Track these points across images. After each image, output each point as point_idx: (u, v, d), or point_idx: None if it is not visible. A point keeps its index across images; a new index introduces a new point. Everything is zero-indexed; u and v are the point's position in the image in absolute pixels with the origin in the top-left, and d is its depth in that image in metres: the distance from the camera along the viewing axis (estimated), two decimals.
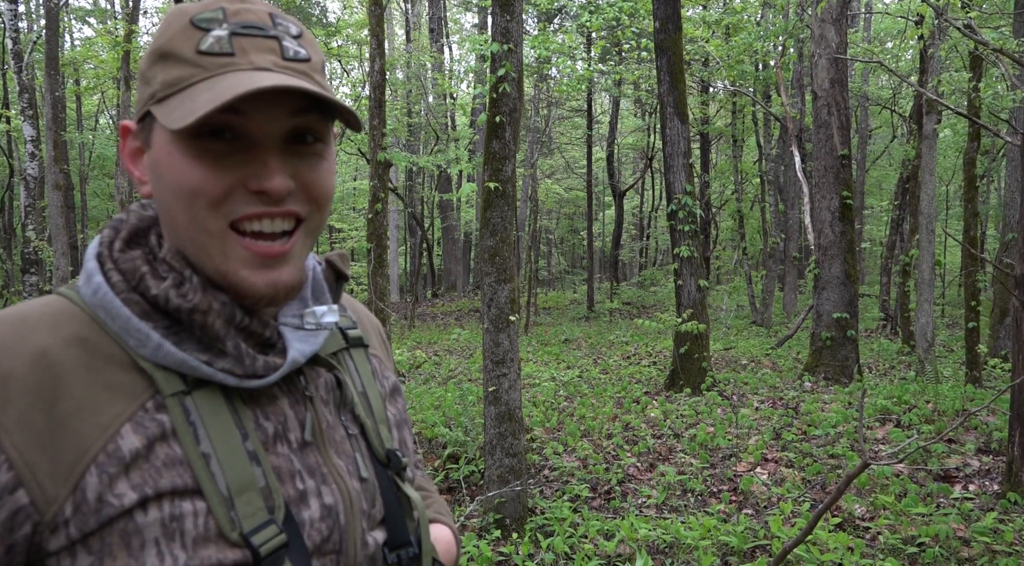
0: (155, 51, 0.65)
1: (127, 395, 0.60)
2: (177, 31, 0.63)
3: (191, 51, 0.62)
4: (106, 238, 0.67)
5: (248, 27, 0.63)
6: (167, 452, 0.60)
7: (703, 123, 16.55)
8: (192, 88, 0.61)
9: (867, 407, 5.95)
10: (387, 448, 0.76)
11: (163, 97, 0.63)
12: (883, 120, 18.75)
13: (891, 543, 3.45)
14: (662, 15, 7.47)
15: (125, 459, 0.58)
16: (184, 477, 0.59)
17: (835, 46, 7.72)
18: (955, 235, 13.99)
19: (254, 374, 0.64)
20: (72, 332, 0.61)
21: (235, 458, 0.61)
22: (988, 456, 4.74)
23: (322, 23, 17.22)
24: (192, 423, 0.61)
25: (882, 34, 16.68)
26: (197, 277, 0.64)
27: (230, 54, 0.62)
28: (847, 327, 7.67)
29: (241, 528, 0.60)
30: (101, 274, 0.64)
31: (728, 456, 5.02)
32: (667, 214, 7.59)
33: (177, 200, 0.63)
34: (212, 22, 0.63)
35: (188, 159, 0.62)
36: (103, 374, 0.60)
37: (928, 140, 7.92)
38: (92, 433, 0.57)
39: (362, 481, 0.72)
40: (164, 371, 0.62)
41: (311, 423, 0.69)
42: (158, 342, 0.61)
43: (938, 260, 10.04)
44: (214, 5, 0.64)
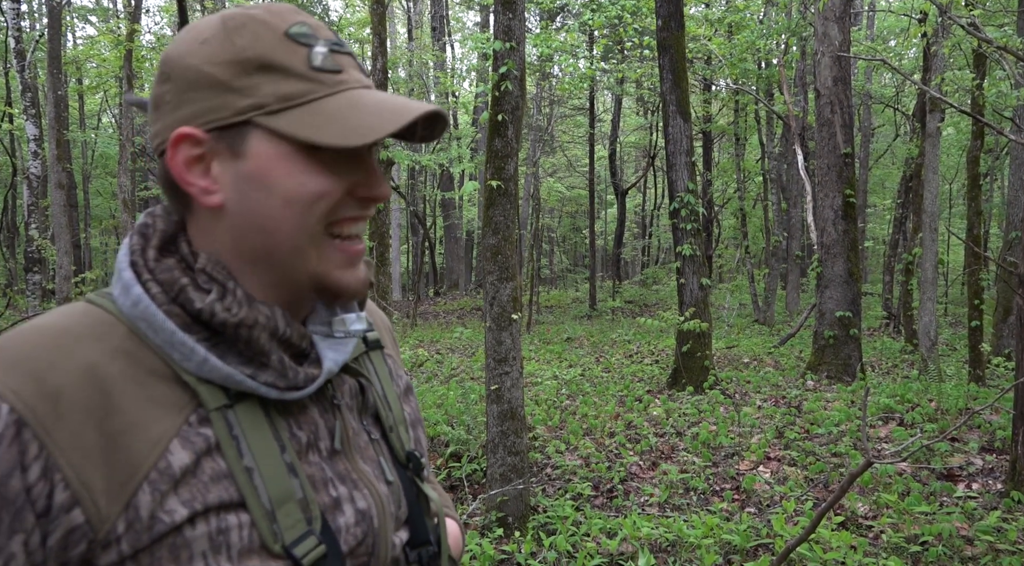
0: (249, 61, 0.62)
1: (172, 409, 0.60)
2: (275, 43, 0.63)
3: (304, 66, 0.63)
4: (137, 246, 0.65)
5: (335, 43, 0.66)
6: (213, 467, 0.60)
7: (706, 121, 16.52)
8: (319, 102, 0.63)
9: (870, 406, 5.94)
10: (407, 450, 0.78)
11: (277, 109, 0.62)
12: (886, 118, 18.71)
13: (894, 542, 3.44)
14: (664, 13, 7.45)
15: (176, 475, 0.58)
16: (230, 491, 0.60)
17: (838, 44, 7.70)
18: (958, 233, 13.96)
19: (295, 386, 0.65)
20: (116, 345, 0.60)
21: (275, 471, 0.63)
22: (991, 455, 4.73)
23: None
24: (235, 437, 0.62)
25: (885, 32, 16.64)
26: (240, 289, 0.64)
27: (339, 71, 0.64)
28: (850, 325, 7.66)
29: (283, 540, 0.61)
30: (140, 285, 0.62)
31: (731, 455, 5.02)
32: (669, 212, 7.58)
33: (290, 207, 0.63)
34: (308, 37, 0.64)
35: (311, 168, 0.63)
36: (148, 388, 0.60)
37: (932, 138, 7.90)
38: (143, 449, 0.58)
39: (388, 484, 0.73)
40: (207, 385, 0.62)
41: (340, 431, 0.70)
42: (204, 356, 0.61)
43: (941, 258, 10.02)
44: (292, 18, 0.65)
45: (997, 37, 6.83)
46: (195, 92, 0.63)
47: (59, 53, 10.31)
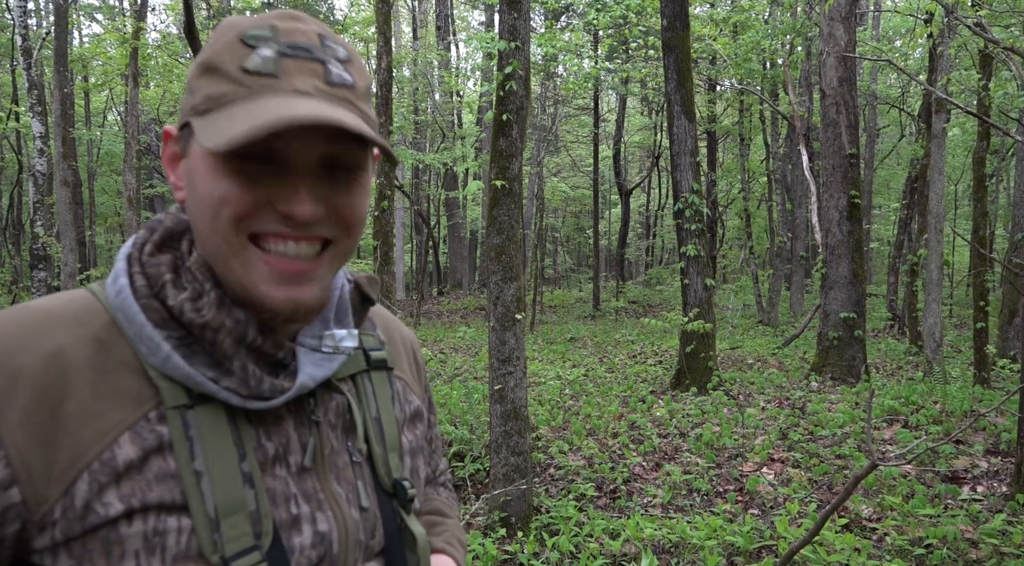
0: (202, 63, 0.64)
1: (132, 402, 0.60)
2: (225, 45, 0.63)
3: (236, 68, 0.62)
4: (140, 239, 0.67)
5: (296, 48, 0.63)
6: (160, 465, 0.59)
7: (710, 121, 16.49)
8: (231, 106, 0.61)
9: (874, 407, 5.92)
10: (394, 478, 0.74)
11: (203, 110, 0.63)
12: (891, 119, 18.65)
13: (898, 544, 3.43)
14: (670, 13, 7.44)
15: (119, 469, 0.58)
16: (173, 492, 0.59)
17: (844, 44, 7.68)
18: (964, 235, 13.90)
19: (259, 396, 0.63)
20: (91, 332, 0.61)
21: (228, 478, 0.61)
22: (997, 457, 4.71)
23: (329, 20, 17.23)
24: (190, 438, 0.60)
25: (891, 32, 16.58)
26: (216, 291, 0.64)
27: (273, 75, 0.61)
28: (854, 327, 7.64)
29: (223, 552, 0.59)
30: (127, 276, 0.64)
31: (734, 456, 5.01)
32: (674, 213, 7.57)
33: (204, 210, 0.63)
34: (260, 40, 0.62)
35: (220, 174, 0.62)
36: (112, 378, 0.60)
37: (937, 139, 7.87)
38: (90, 438, 0.57)
39: (362, 511, 0.70)
40: (170, 382, 0.61)
41: (312, 448, 0.68)
42: (167, 353, 0.61)
43: (946, 260, 9.98)
44: (266, 22, 0.64)
45: (1004, 38, 6.80)
46: (185, 94, 0.67)
47: (65, 51, 10.34)
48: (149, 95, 14.74)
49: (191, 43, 5.53)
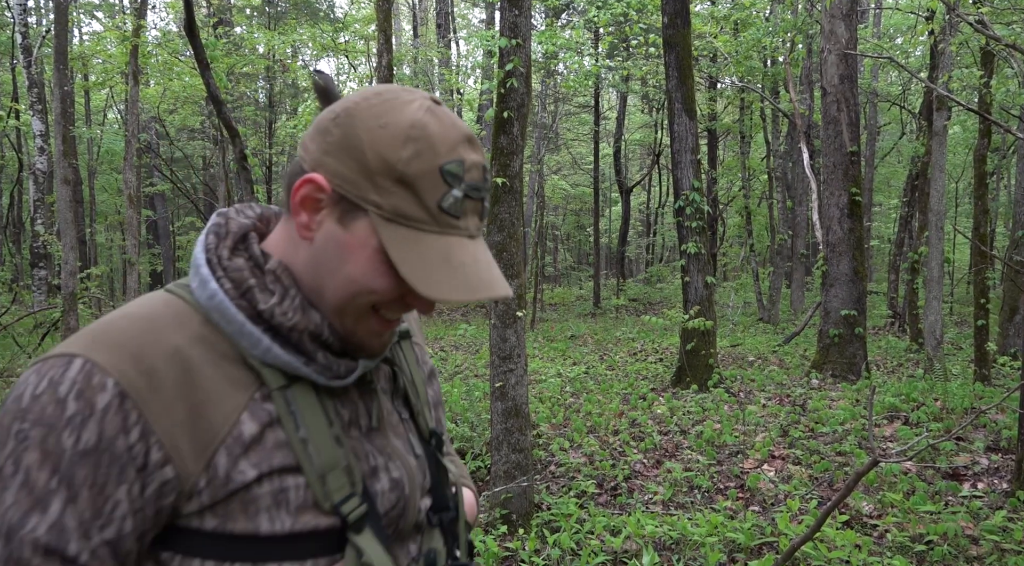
0: (399, 173, 0.70)
1: (241, 387, 0.71)
2: (427, 170, 0.70)
3: (434, 201, 0.71)
4: (211, 244, 0.76)
5: (474, 189, 0.73)
6: (275, 436, 0.71)
7: (711, 119, 16.48)
8: (423, 235, 0.71)
9: (875, 405, 5.92)
10: (430, 428, 0.90)
11: (391, 219, 0.71)
12: (892, 116, 18.63)
13: (899, 541, 3.43)
14: (671, 10, 7.43)
15: (246, 442, 0.70)
16: (287, 457, 0.71)
17: (845, 42, 7.67)
18: (964, 232, 13.90)
19: (338, 376, 0.76)
20: (194, 331, 0.72)
21: (324, 442, 0.73)
22: (997, 454, 4.72)
23: (329, 18, 17.22)
24: (292, 413, 0.73)
25: (892, 30, 16.56)
26: (299, 297, 0.75)
27: (457, 216, 0.72)
28: (855, 324, 7.64)
29: (332, 500, 0.73)
30: (215, 281, 0.73)
31: (735, 453, 5.01)
32: (674, 210, 7.56)
33: (349, 285, 0.73)
34: (455, 178, 0.71)
35: (381, 268, 0.72)
36: (222, 369, 0.71)
37: (938, 137, 7.86)
38: (220, 420, 0.69)
39: (416, 458, 0.85)
40: (269, 368, 0.73)
41: (376, 411, 0.81)
42: (268, 345, 0.72)
43: (947, 257, 9.97)
44: (457, 152, 0.71)
45: (1005, 35, 6.79)
46: (348, 158, 0.71)
47: (65, 49, 10.31)
48: (149, 93, 14.73)
49: (191, 41, 5.53)
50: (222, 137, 11.44)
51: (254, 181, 7.86)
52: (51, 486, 0.63)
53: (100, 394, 0.65)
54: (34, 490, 0.63)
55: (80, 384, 0.65)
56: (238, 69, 13.10)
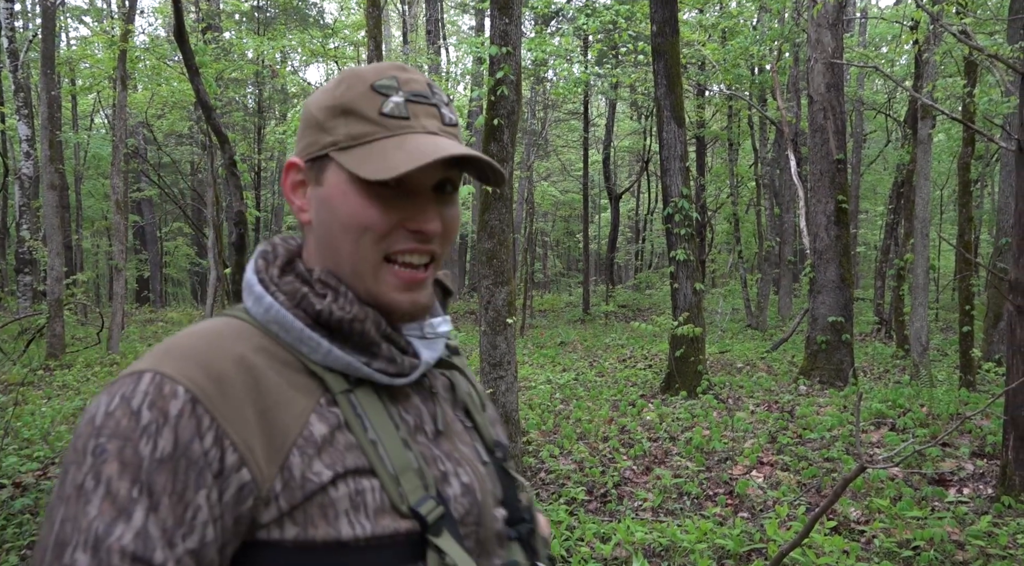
0: (335, 106, 0.76)
1: (307, 392, 0.72)
2: (359, 93, 0.75)
3: (374, 112, 0.74)
4: (261, 266, 0.78)
5: (416, 95, 0.76)
6: (345, 438, 0.71)
7: (699, 126, 16.58)
8: (378, 143, 0.74)
9: (862, 411, 5.96)
10: (494, 439, 0.88)
11: (346, 147, 0.75)
12: (878, 124, 18.82)
13: (886, 546, 3.46)
14: (659, 19, 7.49)
15: (317, 443, 0.69)
16: (360, 460, 0.71)
17: (831, 50, 7.75)
18: (949, 239, 14.03)
19: (402, 373, 0.76)
20: (255, 342, 0.72)
21: (394, 444, 0.73)
22: (982, 460, 4.76)
23: (319, 24, 17.22)
24: (359, 415, 0.73)
25: (877, 39, 16.75)
26: (351, 292, 0.76)
27: (406, 118, 0.75)
28: (842, 331, 7.69)
29: (408, 502, 0.71)
30: (269, 295, 0.75)
31: (724, 459, 5.03)
32: (663, 217, 7.60)
33: (346, 232, 0.75)
34: (389, 89, 0.75)
35: (363, 200, 0.74)
36: (285, 375, 0.71)
37: (923, 145, 7.95)
38: (290, 422, 0.69)
39: (484, 464, 0.83)
40: (331, 373, 0.74)
41: (440, 416, 0.81)
42: (328, 348, 0.73)
43: (932, 264, 10.08)
44: (387, 73, 0.77)
45: (988, 45, 6.88)
46: (307, 129, 0.79)
47: (52, 53, 10.25)
48: (137, 98, 14.65)
49: (181, 46, 5.52)
50: (211, 142, 11.39)
51: (243, 187, 7.82)
52: (133, 495, 0.62)
53: (172, 402, 0.65)
54: (116, 500, 0.62)
55: (152, 395, 0.65)
56: (227, 74, 13.07)
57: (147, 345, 11.81)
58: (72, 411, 6.61)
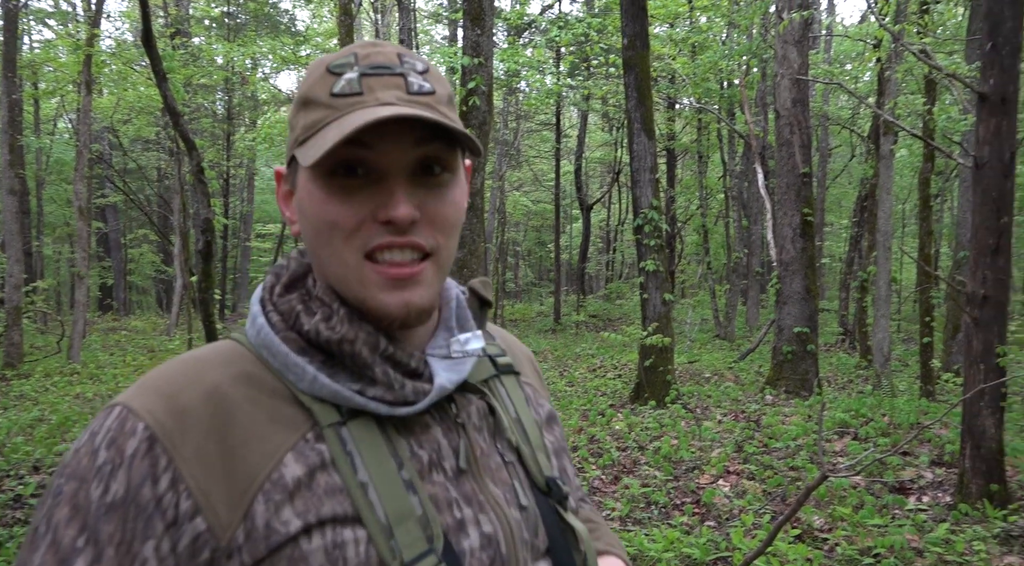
0: (299, 99, 0.69)
1: (289, 426, 0.63)
2: (316, 79, 0.68)
3: (326, 95, 0.66)
4: (268, 284, 0.72)
5: (376, 67, 0.67)
6: (327, 480, 0.62)
7: (669, 139, 16.80)
8: (325, 128, 0.65)
9: (826, 420, 6.06)
10: (547, 475, 0.75)
11: (303, 140, 0.67)
12: (843, 139, 19.23)
13: (848, 554, 3.51)
14: (630, 32, 7.58)
15: (288, 487, 0.60)
16: (344, 505, 0.61)
17: (796, 67, 7.92)
18: (911, 253, 14.38)
19: (404, 400, 0.65)
20: (240, 369, 0.65)
21: (392, 487, 0.63)
22: (941, 468, 4.87)
23: (290, 31, 17.11)
24: (349, 452, 0.63)
25: (842, 56, 17.14)
26: (345, 309, 0.67)
27: (359, 93, 0.65)
28: (807, 341, 7.82)
29: (402, 558, 0.61)
30: (263, 316, 0.69)
31: (691, 468, 5.08)
32: (633, 228, 7.67)
33: (318, 235, 0.67)
34: (345, 66, 0.67)
35: (324, 195, 0.66)
36: (268, 407, 0.64)
37: (885, 160, 8.15)
38: (259, 461, 0.61)
39: (522, 509, 0.70)
40: (321, 403, 0.65)
41: (465, 450, 0.69)
42: (313, 375, 0.64)
43: (894, 276, 10.31)
44: (348, 52, 0.69)
45: (947, 64, 7.09)
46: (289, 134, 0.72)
47: (15, 56, 10.05)
48: (102, 103, 14.40)
49: (148, 51, 5.44)
50: (178, 149, 11.23)
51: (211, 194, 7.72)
52: (78, 544, 0.57)
53: (130, 440, 0.60)
54: (60, 548, 0.57)
55: (114, 431, 0.60)
56: (196, 80, 12.92)
57: (109, 354, 11.56)
58: (29, 422, 6.44)
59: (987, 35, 4.09)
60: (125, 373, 9.52)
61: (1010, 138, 4.06)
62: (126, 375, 9.38)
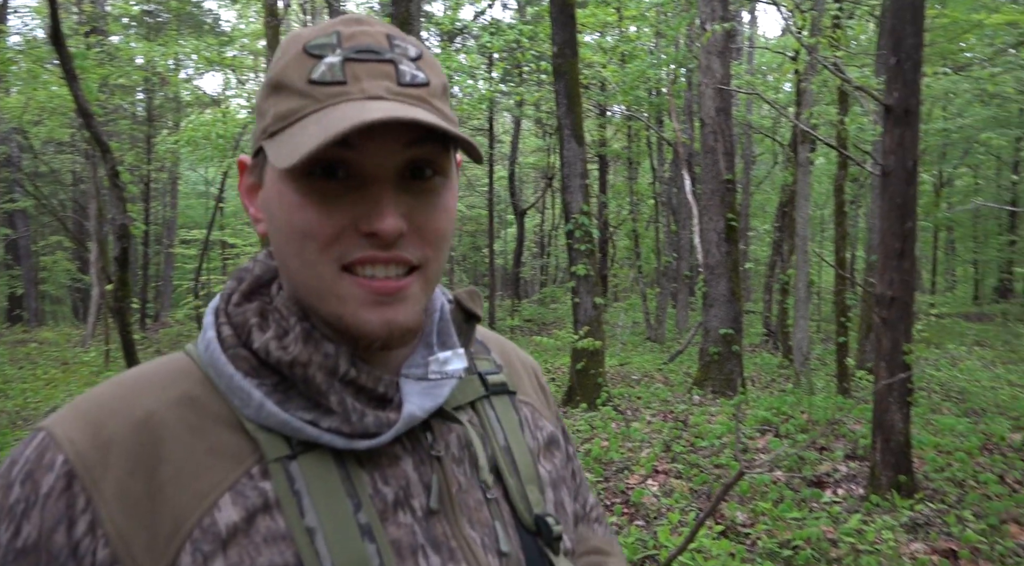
0: (269, 82, 0.60)
1: (230, 460, 0.56)
2: (291, 60, 0.59)
3: (302, 81, 0.57)
4: (227, 291, 0.64)
5: (362, 51, 0.58)
6: (268, 526, 0.54)
7: (601, 145, 17.08)
8: (302, 121, 0.57)
9: (749, 418, 6.27)
10: (536, 513, 0.66)
11: (274, 131, 0.58)
12: (766, 147, 19.97)
13: (768, 547, 3.64)
14: (559, 40, 7.69)
15: (221, 535, 0.53)
16: (285, 555, 0.53)
17: (720, 77, 8.18)
18: (829, 256, 15.03)
19: (364, 433, 0.57)
20: (182, 391, 0.58)
21: (343, 533, 0.55)
22: (855, 462, 5.10)
23: (215, 32, 16.63)
24: (296, 492, 0.55)
25: (764, 67, 17.81)
26: (302, 325, 0.60)
27: (342, 82, 0.57)
28: (732, 342, 8.07)
29: None
30: (214, 329, 0.60)
31: (621, 469, 5.16)
32: (565, 233, 7.77)
33: (288, 242, 0.58)
34: (325, 48, 0.58)
35: (298, 198, 0.57)
36: (208, 436, 0.56)
37: (803, 168, 8.50)
38: (189, 503, 0.53)
39: (502, 556, 0.62)
40: (268, 433, 0.57)
41: (437, 487, 0.61)
42: (260, 401, 0.56)
43: (813, 279, 10.78)
44: (329, 29, 0.59)
45: (858, 77, 7.47)
46: (256, 116, 0.63)
47: None
48: (10, 102, 13.64)
49: (57, 50, 5.20)
50: (94, 151, 10.74)
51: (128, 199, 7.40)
52: None
53: (47, 475, 0.53)
54: None
55: (31, 463, 0.53)
56: (113, 80, 12.40)
57: (19, 368, 10.94)
58: None
59: (891, 51, 4.33)
60: (36, 388, 9.03)
61: (913, 148, 4.30)
62: (36, 389, 8.89)
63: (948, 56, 11.19)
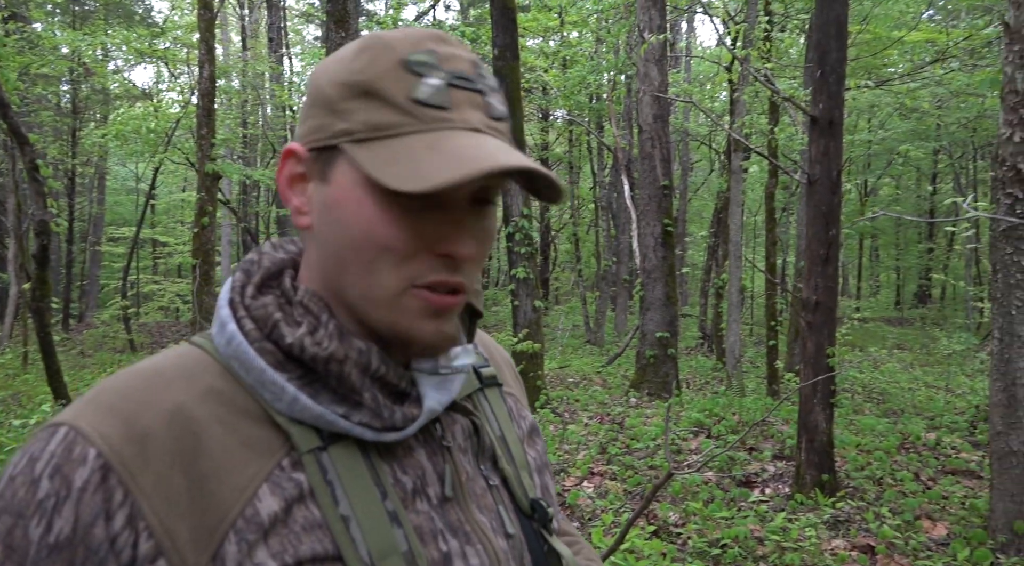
0: (354, 83, 0.59)
1: (263, 452, 0.57)
2: (387, 70, 0.59)
3: (404, 97, 0.58)
4: (238, 282, 0.63)
5: (461, 78, 0.60)
6: (305, 515, 0.56)
7: (543, 149, 17.21)
8: (403, 138, 0.57)
9: (683, 420, 6.41)
10: (531, 498, 0.71)
11: (363, 139, 0.58)
12: (703, 154, 20.49)
13: (698, 546, 3.72)
14: (500, 43, 7.70)
15: (264, 524, 0.54)
16: (324, 543, 0.55)
17: (657, 84, 8.35)
18: (761, 262, 15.51)
19: (392, 427, 0.60)
20: (207, 385, 0.58)
21: (375, 520, 0.57)
22: (782, 461, 5.27)
23: (146, 23, 16.05)
24: (329, 482, 0.57)
25: (701, 76, 18.28)
26: (333, 322, 0.61)
27: (445, 108, 0.58)
28: (668, 345, 8.24)
29: None
30: (234, 322, 0.60)
31: (558, 471, 5.20)
32: (505, 236, 7.79)
33: (357, 251, 0.59)
34: (426, 67, 0.59)
35: (381, 211, 0.58)
36: (239, 429, 0.57)
37: (735, 175, 8.75)
38: (230, 495, 0.54)
39: (508, 538, 0.67)
40: (299, 426, 0.58)
41: (451, 476, 0.64)
42: (293, 395, 0.58)
43: (746, 284, 11.11)
44: (423, 45, 0.60)
45: (786, 89, 7.74)
46: (313, 108, 0.62)
47: None
48: None
49: None
50: (12, 144, 10.22)
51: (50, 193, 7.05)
52: None
53: (79, 469, 0.52)
54: None
55: (59, 458, 0.52)
56: (34, 69, 11.82)
57: None
58: None
59: (816, 64, 4.50)
60: None
61: (836, 157, 4.48)
62: None
63: (872, 70, 11.71)
